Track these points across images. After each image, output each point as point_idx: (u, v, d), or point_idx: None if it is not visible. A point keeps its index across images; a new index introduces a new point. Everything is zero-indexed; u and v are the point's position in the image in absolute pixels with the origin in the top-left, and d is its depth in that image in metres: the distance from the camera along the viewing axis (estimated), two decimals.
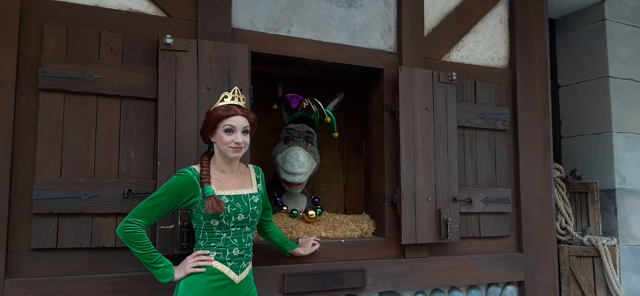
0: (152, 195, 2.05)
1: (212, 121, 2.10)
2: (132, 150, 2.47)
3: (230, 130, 2.09)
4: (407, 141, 3.01)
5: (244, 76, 2.64)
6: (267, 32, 2.86)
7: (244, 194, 2.14)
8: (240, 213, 2.10)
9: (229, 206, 2.06)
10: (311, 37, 2.97)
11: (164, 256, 2.08)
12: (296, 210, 3.03)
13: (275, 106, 3.20)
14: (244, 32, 2.79)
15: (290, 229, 2.87)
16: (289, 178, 2.95)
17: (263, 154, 3.27)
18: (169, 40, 2.49)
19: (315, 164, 3.12)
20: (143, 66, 2.51)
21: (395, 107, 3.06)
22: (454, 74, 3.18)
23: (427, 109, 3.10)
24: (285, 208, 3.08)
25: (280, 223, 2.87)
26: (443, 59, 3.36)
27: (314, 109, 3.13)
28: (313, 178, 3.54)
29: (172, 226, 2.39)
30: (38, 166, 2.28)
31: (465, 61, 3.45)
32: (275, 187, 3.19)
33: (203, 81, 2.55)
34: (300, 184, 3.03)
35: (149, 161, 2.49)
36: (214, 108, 2.14)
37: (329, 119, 3.17)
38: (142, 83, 2.49)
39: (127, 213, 2.31)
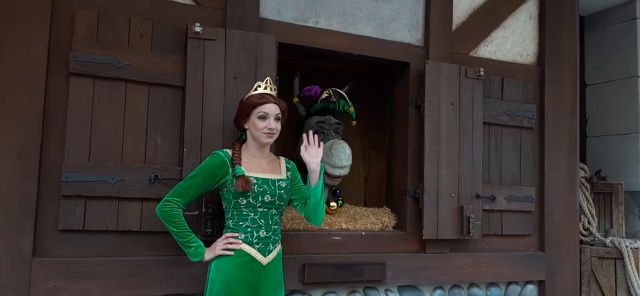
0: (188, 176, 2.17)
1: (246, 108, 2.20)
2: (159, 136, 2.49)
3: (263, 117, 2.18)
4: (431, 136, 2.99)
5: (271, 66, 2.64)
6: (294, 22, 2.85)
7: (272, 179, 2.22)
8: (268, 194, 2.17)
9: (256, 186, 2.15)
10: (338, 29, 2.96)
11: None
12: None
13: (296, 100, 3.17)
14: (272, 22, 2.78)
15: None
16: (337, 172, 2.90)
17: (281, 146, 3.26)
18: (198, 29, 2.50)
19: None
20: (172, 54, 2.52)
21: (421, 102, 3.03)
22: (482, 69, 3.15)
23: (453, 104, 3.07)
24: None
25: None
26: (470, 54, 3.32)
27: (333, 99, 3.11)
28: None
29: (196, 213, 2.41)
30: (67, 148, 2.31)
31: (493, 57, 3.40)
32: None
33: (230, 70, 2.56)
34: (342, 176, 3.01)
35: (175, 148, 2.50)
36: (248, 96, 2.24)
37: (351, 109, 3.15)
38: (170, 71, 2.50)
39: (154, 198, 2.40)
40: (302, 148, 2.35)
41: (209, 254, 2.15)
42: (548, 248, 3.38)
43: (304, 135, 2.40)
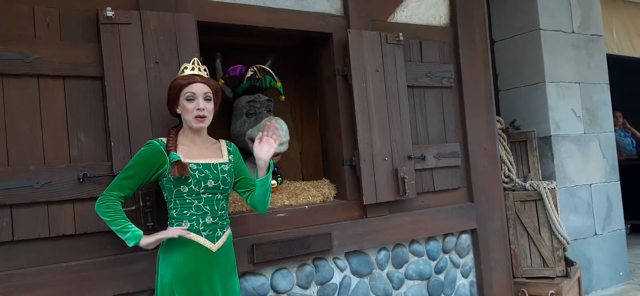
0: (123, 169, 2.07)
1: (173, 91, 2.12)
2: (82, 132, 2.33)
3: (191, 98, 2.10)
4: (361, 103, 3.04)
5: (193, 46, 2.55)
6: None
7: (213, 163, 2.14)
8: (210, 179, 2.10)
9: (197, 172, 2.07)
10: (258, 3, 2.91)
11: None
12: None
13: (221, 82, 3.08)
14: (188, 0, 2.68)
15: None
16: (278, 149, 2.87)
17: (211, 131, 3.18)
18: (109, 13, 2.35)
19: None
20: (84, 43, 2.35)
21: (347, 71, 3.08)
22: (401, 34, 3.24)
23: (377, 71, 3.14)
24: None
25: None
26: (389, 20, 3.40)
27: (258, 76, 3.08)
28: None
29: (134, 207, 2.31)
30: None
31: (410, 21, 3.51)
32: None
33: (150, 55, 2.44)
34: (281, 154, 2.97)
35: (101, 143, 2.36)
36: (174, 79, 2.15)
37: (279, 85, 3.14)
38: (85, 60, 2.34)
39: (85, 198, 2.27)
40: (257, 140, 2.23)
41: (149, 238, 2.00)
42: (476, 198, 3.58)
43: (260, 133, 2.27)
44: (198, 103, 2.10)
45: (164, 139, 2.12)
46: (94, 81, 2.37)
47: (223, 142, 2.31)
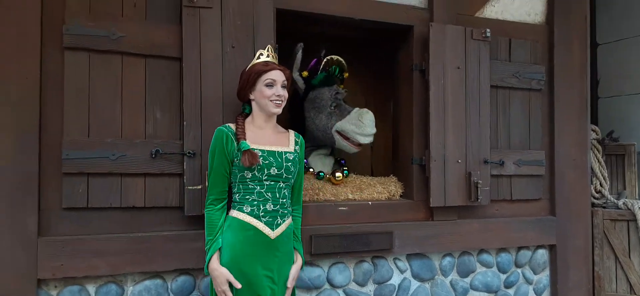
0: (209, 166, 2.13)
1: (252, 76, 2.14)
2: (159, 110, 2.44)
3: (270, 84, 2.13)
4: (436, 101, 2.91)
5: (270, 33, 2.57)
6: None
7: (278, 151, 2.16)
8: (274, 166, 2.11)
9: (261, 158, 2.09)
10: None
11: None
12: (323, 172, 2.98)
13: (305, 73, 3.04)
14: None
15: (317, 190, 2.84)
16: (366, 140, 2.87)
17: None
18: None
19: None
20: (167, 24, 2.45)
21: (425, 66, 2.95)
22: (488, 30, 3.05)
23: (458, 68, 2.98)
24: (312, 170, 3.04)
25: (307, 184, 2.84)
26: (476, 15, 3.22)
27: (331, 68, 3.04)
28: None
29: (199, 187, 2.38)
30: (66, 125, 2.28)
31: (500, 17, 3.30)
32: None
33: (228, 39, 2.49)
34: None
35: (175, 121, 2.46)
36: (252, 65, 2.17)
37: (346, 75, 3.09)
38: (166, 41, 2.44)
39: (156, 173, 2.38)
40: None
41: (214, 266, 2.06)
42: (559, 211, 3.32)
43: None
44: (277, 90, 2.14)
45: (232, 125, 2.15)
46: (173, 62, 2.47)
47: (292, 132, 2.31)
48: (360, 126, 2.84)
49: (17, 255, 2.21)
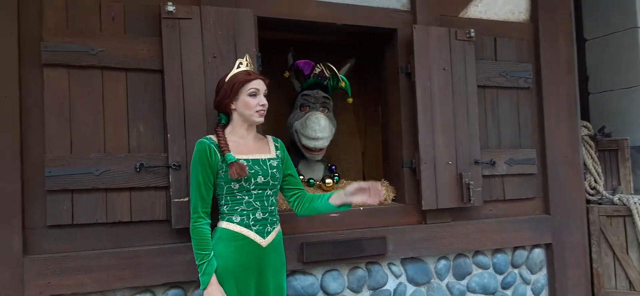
0: (191, 181, 2.07)
1: (234, 86, 2.10)
2: (142, 123, 2.42)
3: (254, 93, 2.11)
4: (424, 103, 2.90)
5: (251, 41, 2.55)
6: None
7: (262, 159, 2.14)
8: (260, 175, 2.09)
9: (247, 168, 2.06)
10: None
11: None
12: (313, 179, 2.96)
13: (286, 74, 3.12)
14: None
15: None
16: (311, 144, 2.88)
17: (277, 124, 3.19)
18: (170, 8, 2.41)
19: (334, 129, 3.04)
20: (147, 36, 2.43)
21: (411, 69, 2.94)
22: (472, 31, 3.04)
23: (444, 69, 2.97)
24: (301, 176, 3.01)
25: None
26: (460, 15, 3.22)
27: (327, 74, 3.04)
28: (330, 146, 3.46)
29: (186, 199, 2.35)
30: (48, 142, 2.25)
31: (484, 16, 3.29)
32: (291, 156, 3.11)
33: (209, 50, 2.47)
34: (321, 149, 2.96)
35: (159, 134, 2.43)
36: (233, 75, 2.14)
37: (343, 85, 3.08)
38: (146, 54, 2.42)
39: (141, 187, 2.34)
40: (360, 187, 2.14)
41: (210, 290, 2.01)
42: (553, 209, 3.28)
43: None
44: (261, 99, 2.12)
45: (212, 137, 2.12)
46: (154, 74, 2.44)
47: (270, 137, 2.30)
48: (304, 127, 2.86)
49: (3, 274, 2.17)
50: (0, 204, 2.18)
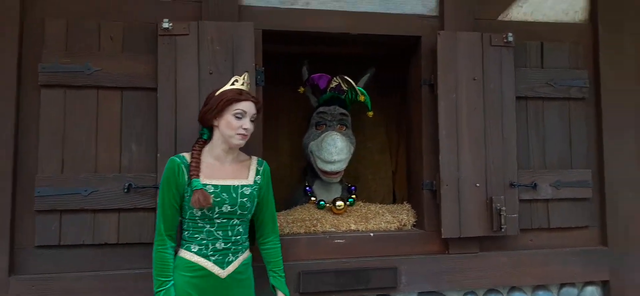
0: (158, 200, 1.97)
1: (221, 103, 1.97)
2: (134, 143, 2.37)
3: (240, 116, 1.98)
4: (447, 118, 2.58)
5: (250, 56, 2.41)
6: (280, 6, 2.60)
7: (233, 185, 1.98)
8: (226, 204, 1.94)
9: (213, 196, 1.91)
10: (333, 8, 2.65)
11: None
12: (323, 201, 2.74)
13: (301, 90, 2.92)
14: (254, 8, 2.56)
15: (315, 222, 2.61)
16: (328, 167, 2.67)
17: (297, 142, 3.02)
18: (166, 25, 2.34)
19: (353, 148, 2.81)
20: (144, 55, 2.39)
21: (434, 80, 2.64)
22: (510, 34, 2.67)
23: (474, 79, 2.63)
24: (313, 199, 2.81)
25: (305, 216, 2.63)
26: (499, 18, 2.85)
27: (344, 88, 2.81)
28: (357, 165, 3.24)
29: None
30: (40, 162, 2.27)
31: (530, 18, 2.89)
32: (308, 176, 2.93)
33: (205, 66, 2.37)
34: (339, 172, 2.74)
35: (150, 154, 2.37)
36: (224, 91, 2.02)
37: (362, 98, 2.83)
38: (142, 72, 2.37)
39: (129, 208, 2.29)
40: None
41: None
42: (612, 241, 2.80)
43: None
44: (245, 122, 1.99)
45: (186, 155, 2.01)
46: (149, 92, 2.39)
47: (255, 160, 2.13)
48: (320, 150, 2.62)
49: None
50: None
